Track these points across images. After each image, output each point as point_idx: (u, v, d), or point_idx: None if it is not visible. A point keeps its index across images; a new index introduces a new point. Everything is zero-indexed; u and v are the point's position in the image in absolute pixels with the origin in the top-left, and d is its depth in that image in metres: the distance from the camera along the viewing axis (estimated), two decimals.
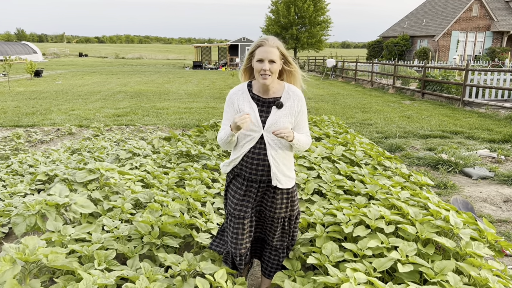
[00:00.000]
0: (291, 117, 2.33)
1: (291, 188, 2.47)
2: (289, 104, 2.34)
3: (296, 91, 2.38)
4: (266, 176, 2.37)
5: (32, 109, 11.72)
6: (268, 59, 2.23)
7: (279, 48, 2.27)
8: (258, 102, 2.36)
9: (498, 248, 2.82)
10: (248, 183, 2.41)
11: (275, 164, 2.35)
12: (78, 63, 45.30)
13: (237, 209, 2.43)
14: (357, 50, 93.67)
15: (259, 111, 2.34)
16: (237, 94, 2.40)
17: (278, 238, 2.56)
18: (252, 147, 2.35)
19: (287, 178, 2.41)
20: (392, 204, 3.33)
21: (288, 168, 2.42)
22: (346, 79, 24.03)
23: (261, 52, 2.24)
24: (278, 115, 2.32)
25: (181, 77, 26.41)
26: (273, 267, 2.64)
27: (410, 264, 2.42)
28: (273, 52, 2.23)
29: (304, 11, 47.62)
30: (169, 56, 72.91)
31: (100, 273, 2.34)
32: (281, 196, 2.43)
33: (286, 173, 2.40)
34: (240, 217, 2.43)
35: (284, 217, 2.51)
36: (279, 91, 2.37)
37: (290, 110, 2.33)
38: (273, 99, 2.35)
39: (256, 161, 2.35)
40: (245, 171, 2.39)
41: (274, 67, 2.25)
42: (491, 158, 6.70)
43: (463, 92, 12.56)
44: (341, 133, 6.87)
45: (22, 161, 5.65)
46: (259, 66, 2.24)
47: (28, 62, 22.42)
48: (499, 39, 31.49)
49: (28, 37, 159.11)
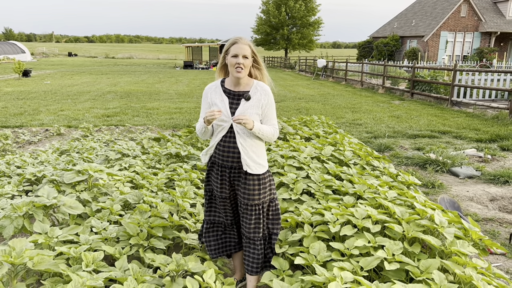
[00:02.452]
0: (258, 108, 2.55)
1: (261, 175, 2.61)
2: (257, 97, 2.56)
3: (264, 86, 2.61)
4: (236, 163, 2.57)
5: (20, 110, 11.59)
6: (242, 55, 2.47)
7: (251, 47, 2.52)
8: (229, 95, 2.60)
9: (482, 246, 2.87)
10: (222, 169, 2.62)
11: (244, 151, 2.54)
12: (67, 63, 44.86)
13: (218, 191, 2.67)
14: (348, 50, 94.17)
15: (229, 103, 2.58)
16: (211, 89, 2.68)
17: (254, 228, 2.65)
18: (223, 136, 2.58)
19: (257, 164, 2.58)
20: (380, 204, 3.37)
21: (258, 156, 2.60)
22: (336, 79, 24.15)
23: (235, 49, 2.47)
24: (246, 107, 2.54)
25: (172, 77, 26.31)
26: (253, 261, 2.68)
27: (396, 263, 2.46)
28: (246, 49, 2.48)
29: (295, 11, 47.73)
30: (160, 56, 72.59)
31: (88, 275, 2.34)
32: (253, 182, 2.59)
33: (255, 159, 2.57)
34: (223, 197, 2.68)
35: (257, 204, 2.61)
36: (248, 86, 2.60)
37: (257, 102, 2.55)
38: (242, 92, 2.59)
39: (227, 149, 2.57)
40: (219, 158, 2.61)
41: (247, 62, 2.49)
42: (478, 157, 6.80)
43: (452, 92, 12.71)
44: (330, 133, 6.91)
45: (9, 162, 5.59)
46: (234, 61, 2.47)
47: (16, 62, 22.17)
48: (487, 39, 31.89)
49: (16, 37, 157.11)
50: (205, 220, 2.87)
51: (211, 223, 2.84)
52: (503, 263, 3.38)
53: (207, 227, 2.86)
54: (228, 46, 2.52)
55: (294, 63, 39.72)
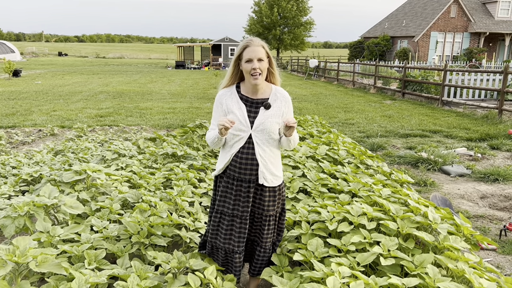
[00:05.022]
0: (278, 117, 2.41)
1: (277, 186, 2.53)
2: (277, 105, 2.42)
3: (283, 93, 2.47)
4: (254, 175, 2.43)
5: (12, 110, 11.51)
6: (257, 58, 2.29)
7: (265, 47, 2.35)
8: (247, 103, 2.42)
9: (474, 241, 2.97)
10: (237, 182, 2.46)
11: (263, 162, 2.42)
12: (58, 63, 44.48)
13: (230, 208, 2.49)
14: (339, 50, 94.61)
15: (247, 111, 2.40)
16: (225, 95, 2.46)
17: (267, 237, 2.59)
18: (241, 147, 2.41)
19: (273, 176, 2.48)
20: (374, 201, 3.45)
21: (275, 167, 2.49)
22: (328, 79, 24.30)
23: (248, 53, 2.30)
24: (266, 115, 2.39)
25: (164, 77, 26.26)
26: (262, 266, 2.67)
27: (392, 258, 2.53)
28: (260, 51, 2.31)
29: (287, 11, 47.89)
30: (151, 55, 72.31)
31: (91, 273, 2.38)
32: (269, 194, 2.49)
33: (273, 171, 2.47)
34: (235, 215, 2.49)
35: (272, 215, 2.57)
36: (266, 92, 2.45)
37: (278, 110, 2.42)
38: (261, 99, 2.42)
39: (245, 161, 2.40)
40: (234, 171, 2.45)
41: (263, 65, 2.33)
42: (469, 156, 6.93)
43: (442, 92, 12.90)
44: (324, 133, 7.00)
45: (4, 162, 5.59)
46: (249, 67, 2.30)
47: (6, 62, 21.94)
48: (476, 40, 32.33)
49: (5, 36, 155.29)
50: (209, 242, 2.63)
51: (215, 247, 2.62)
52: (493, 258, 3.48)
53: (210, 248, 2.66)
54: (240, 50, 2.33)
55: (286, 63, 39.85)
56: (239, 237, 2.51)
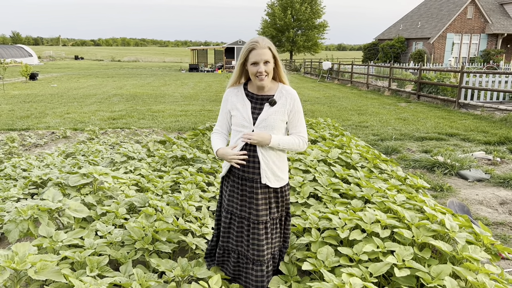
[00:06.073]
0: (283, 114, 2.36)
1: (280, 188, 2.45)
2: (281, 102, 2.38)
3: (290, 90, 2.41)
4: (257, 174, 2.38)
5: (26, 113, 11.64)
6: (263, 61, 2.27)
7: (271, 48, 2.31)
8: (252, 99, 2.41)
9: (494, 251, 2.80)
10: (242, 182, 2.42)
11: (265, 161, 2.36)
12: (74, 66, 45.14)
13: (238, 208, 2.45)
14: (353, 53, 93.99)
15: (252, 108, 2.39)
16: (232, 92, 2.47)
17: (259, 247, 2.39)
18: (244, 144, 2.37)
19: (276, 177, 2.41)
20: (388, 208, 3.32)
21: (278, 168, 2.41)
22: (342, 82, 24.07)
23: (254, 56, 2.27)
24: (269, 112, 2.35)
25: (177, 80, 26.36)
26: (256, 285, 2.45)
27: (406, 269, 2.40)
28: (266, 53, 2.27)
29: (301, 13, 47.77)
30: (165, 58, 72.89)
31: (92, 280, 2.31)
32: (264, 196, 2.41)
33: (276, 172, 2.39)
34: (242, 217, 2.44)
35: (276, 217, 2.49)
36: (272, 89, 2.42)
37: (282, 107, 2.37)
38: (266, 96, 2.40)
39: (248, 158, 2.36)
40: (239, 169, 2.41)
41: (269, 68, 2.30)
42: (487, 160, 6.70)
43: (459, 94, 12.60)
44: (337, 136, 6.86)
45: (15, 165, 5.59)
46: (255, 70, 2.28)
47: (23, 65, 22.32)
48: (493, 41, 31.67)
49: (23, 40, 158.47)
50: (220, 246, 2.57)
51: (227, 251, 2.56)
52: None
53: (220, 252, 2.58)
54: (246, 53, 2.30)
55: (299, 66, 39.69)
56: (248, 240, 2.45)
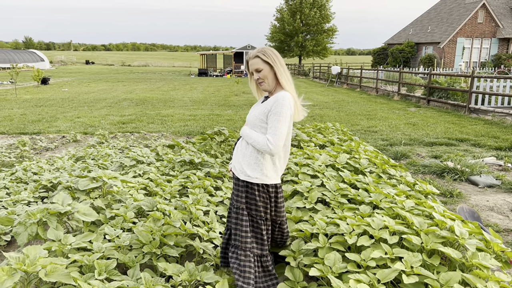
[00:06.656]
0: (263, 114, 2.48)
1: (250, 185, 2.49)
2: (266, 102, 2.52)
3: (280, 93, 2.47)
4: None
5: (38, 117, 11.79)
6: (254, 70, 2.49)
7: (259, 56, 2.46)
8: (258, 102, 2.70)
9: (505, 259, 2.76)
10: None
11: (236, 151, 2.62)
12: (85, 71, 45.67)
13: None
14: (362, 57, 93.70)
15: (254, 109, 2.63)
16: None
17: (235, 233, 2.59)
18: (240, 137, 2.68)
19: (241, 170, 2.52)
20: (397, 214, 3.29)
21: (246, 163, 2.50)
22: (351, 86, 24.00)
23: (248, 67, 2.55)
24: (254, 112, 2.56)
25: (187, 84, 26.52)
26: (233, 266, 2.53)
27: (415, 276, 2.38)
28: (255, 62, 2.47)
29: (310, 18, 47.80)
30: (175, 63, 73.43)
31: (100, 284, 2.32)
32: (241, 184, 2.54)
33: (241, 164, 2.52)
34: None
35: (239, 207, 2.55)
36: (275, 93, 2.56)
37: (264, 108, 2.50)
38: (264, 98, 2.65)
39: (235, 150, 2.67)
40: None
41: (263, 73, 2.46)
42: (498, 166, 6.62)
43: (469, 99, 12.48)
44: (345, 141, 6.83)
45: (26, 168, 5.67)
46: (253, 78, 2.56)
47: (35, 70, 22.63)
48: (505, 45, 31.37)
49: (35, 45, 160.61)
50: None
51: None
52: None
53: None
54: (246, 65, 2.59)
55: (308, 70, 39.67)
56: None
